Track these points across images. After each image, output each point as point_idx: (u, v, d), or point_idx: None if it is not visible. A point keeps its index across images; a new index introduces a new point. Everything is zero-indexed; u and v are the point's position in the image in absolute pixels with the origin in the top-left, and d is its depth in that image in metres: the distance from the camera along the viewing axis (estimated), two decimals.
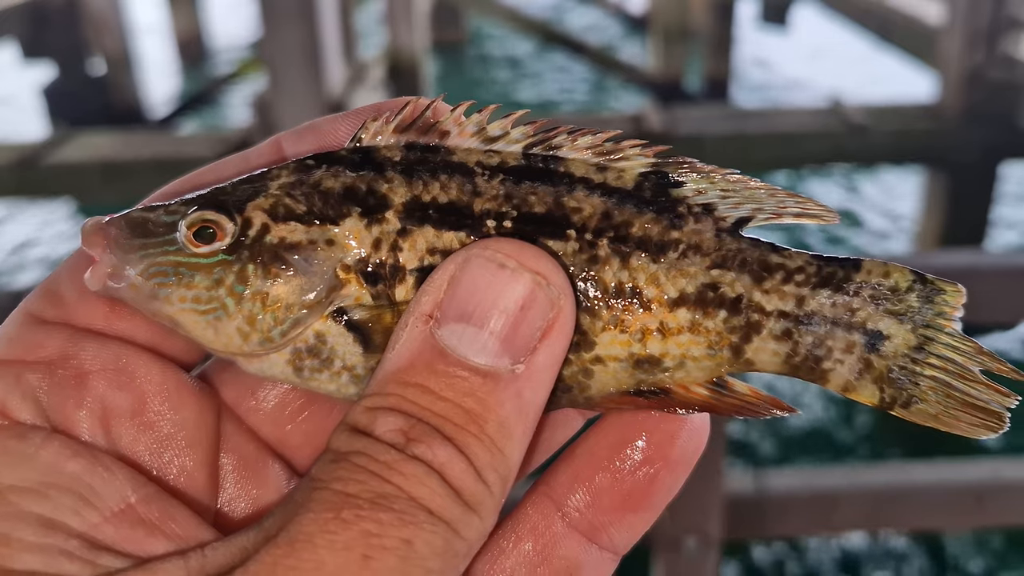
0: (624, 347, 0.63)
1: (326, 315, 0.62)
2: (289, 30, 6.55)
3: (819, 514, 3.37)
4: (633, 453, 0.64)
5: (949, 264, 3.15)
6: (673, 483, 0.65)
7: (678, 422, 0.65)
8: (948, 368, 0.64)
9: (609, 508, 0.64)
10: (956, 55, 7.60)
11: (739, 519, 3.26)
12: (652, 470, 0.64)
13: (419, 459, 0.53)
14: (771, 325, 0.64)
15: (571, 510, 0.65)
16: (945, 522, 3.65)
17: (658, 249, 0.63)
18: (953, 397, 0.64)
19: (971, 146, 7.52)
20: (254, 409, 0.68)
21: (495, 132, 0.64)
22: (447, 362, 0.56)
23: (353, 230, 0.61)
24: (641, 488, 0.64)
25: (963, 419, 0.64)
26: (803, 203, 0.66)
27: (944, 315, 0.65)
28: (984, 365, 0.64)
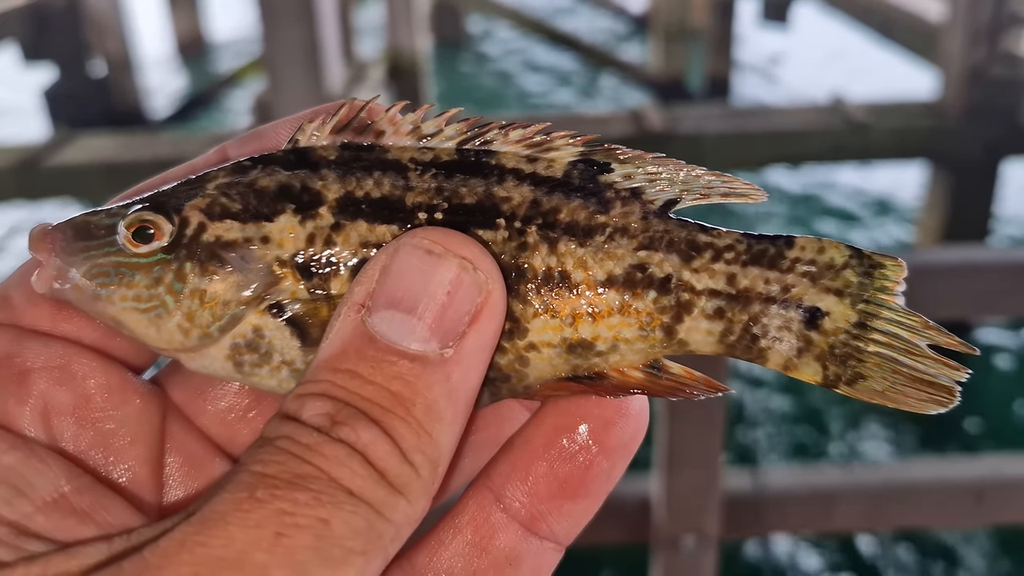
0: (556, 332, 0.63)
1: (262, 310, 0.63)
2: (289, 30, 6.56)
3: (818, 512, 3.37)
4: (569, 440, 0.65)
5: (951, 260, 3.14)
6: (611, 469, 0.65)
7: (614, 408, 0.65)
8: (893, 343, 0.64)
9: (546, 496, 0.65)
10: (957, 52, 7.59)
11: (737, 517, 3.26)
12: (588, 457, 0.64)
13: (342, 441, 0.54)
14: (702, 304, 0.64)
15: (509, 500, 0.65)
16: (944, 520, 3.64)
17: (585, 233, 0.64)
18: (900, 373, 0.64)
19: (973, 143, 7.51)
20: (203, 409, 0.69)
21: (429, 130, 0.65)
22: (376, 348, 0.57)
23: (287, 226, 0.62)
24: (577, 475, 0.64)
25: (911, 395, 0.64)
26: (729, 182, 0.66)
27: (885, 290, 0.65)
28: (932, 339, 0.64)
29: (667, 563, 3.20)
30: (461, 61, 15.15)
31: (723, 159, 7.62)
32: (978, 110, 7.51)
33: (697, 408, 3.00)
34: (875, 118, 7.47)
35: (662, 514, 3.14)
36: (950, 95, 7.63)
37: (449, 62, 14.75)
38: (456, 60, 15.04)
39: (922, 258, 3.69)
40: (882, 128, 7.44)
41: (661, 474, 3.09)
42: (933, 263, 3.12)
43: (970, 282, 3.00)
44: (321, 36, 6.59)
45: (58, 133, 8.26)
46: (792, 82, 13.15)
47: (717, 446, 3.06)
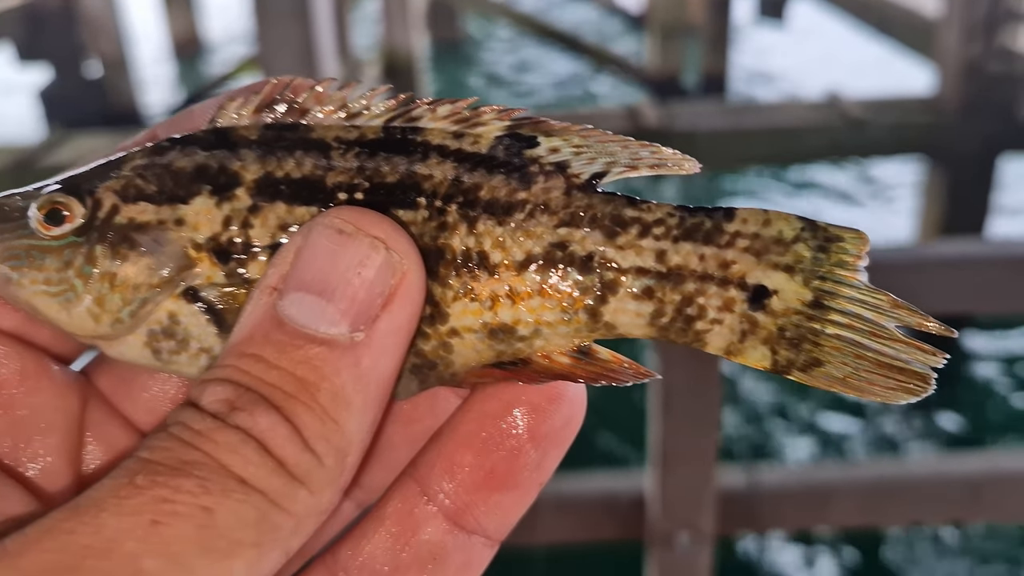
0: (476, 317, 0.61)
1: (177, 295, 0.61)
2: (284, 29, 6.54)
3: (813, 509, 3.36)
4: (495, 428, 0.62)
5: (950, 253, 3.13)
6: (541, 459, 0.62)
7: (543, 393, 0.62)
8: (855, 325, 0.59)
9: (472, 487, 0.62)
10: (954, 48, 7.56)
11: (732, 514, 3.25)
12: (516, 445, 0.62)
13: (238, 427, 0.52)
14: (628, 283, 0.60)
15: (434, 492, 0.62)
16: (941, 516, 3.63)
17: (504, 211, 0.61)
18: (864, 358, 0.59)
19: (970, 139, 7.48)
20: (128, 397, 0.67)
21: (356, 108, 0.63)
22: (284, 331, 0.55)
23: (203, 209, 0.61)
24: (505, 464, 0.62)
25: (878, 382, 0.59)
26: (658, 153, 0.62)
27: (845, 265, 0.60)
28: (901, 320, 0.59)
29: (662, 560, 3.20)
30: (457, 60, 15.13)
31: (719, 156, 7.62)
32: (975, 106, 7.48)
33: (691, 404, 2.99)
34: (872, 114, 7.44)
35: (656, 511, 3.14)
36: (947, 91, 7.61)
37: (445, 61, 14.73)
38: (452, 59, 15.02)
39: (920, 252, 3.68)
40: (879, 124, 7.41)
41: (655, 471, 3.09)
42: (931, 257, 3.11)
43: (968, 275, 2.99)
44: (316, 35, 6.58)
45: (53, 133, 8.24)
46: (788, 79, 13.13)
47: (712, 442, 3.05)
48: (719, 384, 3.03)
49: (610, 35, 15.67)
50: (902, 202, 9.29)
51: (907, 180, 9.07)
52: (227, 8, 15.30)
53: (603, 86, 13.40)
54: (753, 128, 7.51)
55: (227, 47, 14.66)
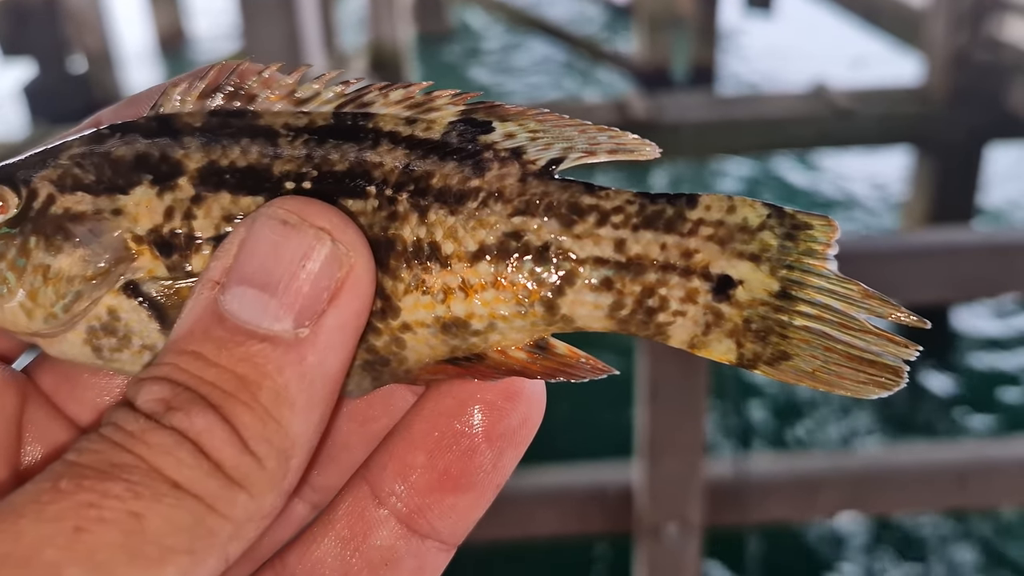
0: (428, 310, 0.59)
1: (117, 289, 0.58)
2: (269, 23, 6.50)
3: (801, 499, 3.36)
4: (449, 427, 0.60)
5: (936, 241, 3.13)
6: (497, 459, 0.60)
7: (499, 391, 0.60)
8: (824, 316, 0.57)
9: (425, 489, 0.59)
10: (941, 38, 7.58)
11: (720, 505, 3.25)
12: (470, 444, 0.59)
13: (173, 428, 0.49)
14: (586, 274, 0.58)
15: (386, 494, 0.60)
16: (928, 504, 3.63)
17: (457, 200, 0.58)
18: (834, 351, 0.56)
19: (958, 128, 7.50)
20: (72, 397, 0.64)
21: (306, 94, 0.60)
22: (225, 327, 0.52)
23: (143, 199, 0.58)
24: (459, 465, 0.59)
25: (848, 376, 0.56)
26: (617, 138, 0.60)
27: (813, 253, 0.57)
28: (873, 311, 0.56)
29: (650, 552, 3.19)
30: (445, 53, 15.08)
31: (708, 147, 7.62)
32: (962, 95, 7.49)
33: (679, 394, 2.98)
34: (859, 104, 7.45)
35: (644, 502, 3.13)
36: (935, 80, 7.63)
37: (433, 54, 14.68)
38: (440, 52, 14.97)
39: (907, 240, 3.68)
40: (866, 114, 7.42)
41: (643, 462, 3.08)
42: (918, 245, 3.11)
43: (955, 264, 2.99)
44: (302, 29, 6.54)
45: (38, 129, 8.18)
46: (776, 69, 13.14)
47: (700, 433, 3.05)
48: (706, 373, 3.03)
49: (598, 27, 15.65)
50: (890, 191, 9.30)
51: (895, 169, 9.09)
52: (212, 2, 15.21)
53: (591, 78, 13.37)
54: (741, 119, 7.52)
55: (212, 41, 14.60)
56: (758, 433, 5.93)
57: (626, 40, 13.64)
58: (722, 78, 12.57)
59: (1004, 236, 3.19)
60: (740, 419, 5.95)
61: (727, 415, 5.89)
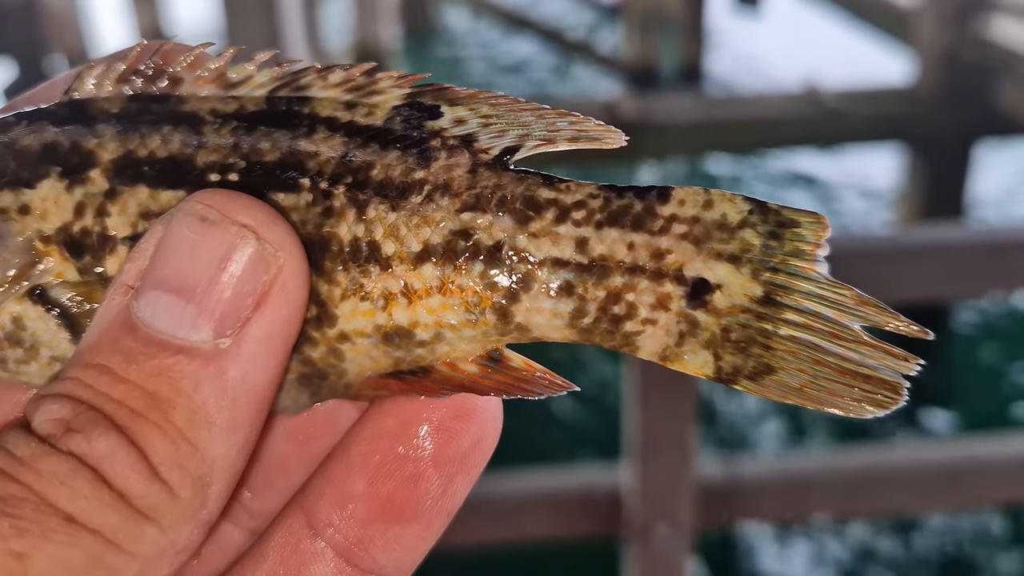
0: (368, 318, 0.52)
1: (22, 295, 0.52)
2: (252, 23, 6.45)
3: (792, 499, 3.33)
4: (391, 450, 0.53)
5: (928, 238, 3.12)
6: (446, 485, 0.54)
7: (448, 410, 0.54)
8: (813, 325, 0.50)
9: (366, 519, 0.53)
10: (929, 37, 7.60)
11: (711, 506, 3.21)
12: (415, 470, 0.53)
13: (70, 453, 0.43)
14: (544, 277, 0.52)
15: (323, 524, 0.54)
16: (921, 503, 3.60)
17: (399, 194, 0.52)
18: (824, 364, 0.50)
19: (947, 127, 7.52)
20: None
21: (236, 77, 0.54)
22: (136, 337, 0.46)
23: (51, 194, 0.52)
24: (403, 493, 0.53)
25: (841, 392, 0.50)
26: (578, 123, 0.54)
27: (800, 254, 0.51)
28: (868, 319, 0.50)
29: (640, 553, 3.16)
30: (431, 51, 15.03)
31: (698, 147, 7.60)
32: (952, 94, 7.52)
33: (669, 394, 2.93)
34: (849, 104, 7.45)
35: (634, 503, 3.10)
36: (925, 80, 7.65)
37: (419, 52, 14.63)
38: (426, 50, 14.92)
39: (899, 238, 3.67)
40: (856, 114, 7.42)
41: (633, 463, 3.05)
42: (909, 243, 3.10)
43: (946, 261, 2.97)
44: (285, 28, 6.48)
45: None
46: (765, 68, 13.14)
47: (689, 433, 3.01)
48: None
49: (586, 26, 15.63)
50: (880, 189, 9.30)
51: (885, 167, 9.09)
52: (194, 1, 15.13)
53: (579, 77, 13.35)
54: (731, 119, 7.50)
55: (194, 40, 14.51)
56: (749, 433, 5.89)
57: (614, 39, 13.62)
58: (710, 77, 12.57)
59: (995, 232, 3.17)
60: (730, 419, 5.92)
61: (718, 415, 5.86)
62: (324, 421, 0.58)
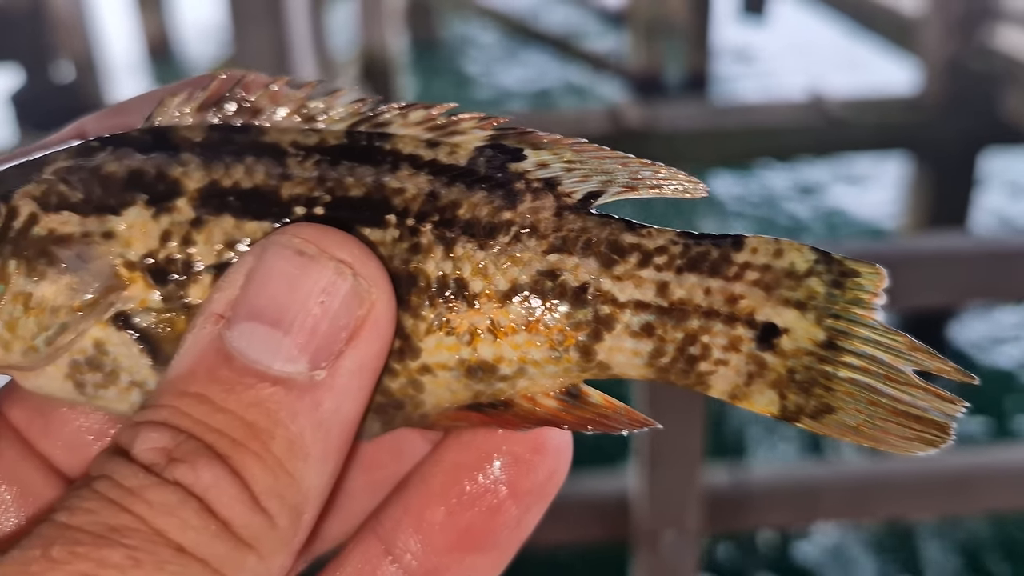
0: (453, 352, 0.53)
1: (106, 321, 0.52)
2: (259, 30, 6.47)
3: (799, 506, 3.33)
4: (472, 481, 0.55)
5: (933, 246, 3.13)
6: (522, 516, 0.55)
7: (527, 443, 0.55)
8: (870, 369, 0.53)
9: (444, 548, 0.54)
10: (934, 46, 7.61)
11: (718, 512, 3.22)
12: (494, 501, 0.55)
13: (177, 483, 0.43)
14: (626, 319, 0.54)
15: (400, 551, 0.55)
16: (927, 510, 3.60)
17: (487, 233, 0.54)
18: (879, 405, 0.53)
19: (952, 136, 7.52)
20: (46, 432, 0.58)
21: (316, 110, 0.55)
22: (232, 367, 0.47)
23: (137, 221, 0.52)
24: (481, 523, 0.55)
25: (894, 431, 0.53)
26: (661, 173, 0.56)
27: (860, 303, 0.54)
28: (919, 364, 0.53)
29: (647, 560, 3.16)
30: (437, 60, 15.08)
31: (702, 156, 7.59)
32: (957, 103, 7.52)
33: (677, 402, 2.94)
34: (855, 113, 7.45)
35: (642, 510, 3.10)
36: (930, 89, 7.66)
37: (425, 61, 14.68)
38: (432, 59, 14.97)
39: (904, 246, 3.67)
40: (861, 123, 7.43)
41: (641, 469, 3.05)
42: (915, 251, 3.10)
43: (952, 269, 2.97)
44: (292, 36, 6.51)
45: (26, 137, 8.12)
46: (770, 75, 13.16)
47: (697, 441, 3.01)
48: None
49: (591, 34, 15.67)
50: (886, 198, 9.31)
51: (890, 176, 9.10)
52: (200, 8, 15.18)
53: (584, 86, 13.38)
54: (736, 128, 7.51)
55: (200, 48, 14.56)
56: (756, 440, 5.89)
57: (619, 47, 13.65)
58: (715, 85, 12.59)
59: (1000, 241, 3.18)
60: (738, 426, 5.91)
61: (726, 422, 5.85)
62: (389, 449, 0.59)
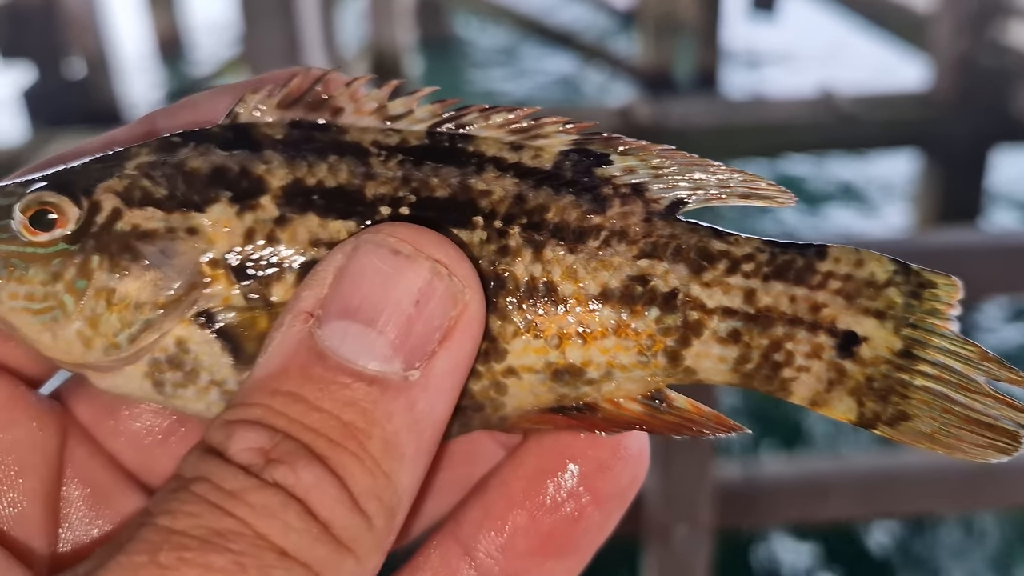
0: (540, 355, 0.54)
1: (188, 318, 0.52)
2: (269, 27, 6.49)
3: (811, 501, 3.33)
4: (555, 485, 0.55)
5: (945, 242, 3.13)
6: (604, 522, 0.56)
7: (609, 447, 0.55)
8: (944, 377, 0.54)
9: (525, 552, 0.55)
10: (946, 42, 7.58)
11: (731, 507, 3.22)
12: (577, 506, 0.55)
13: (277, 485, 0.43)
14: (714, 325, 0.55)
15: (481, 555, 0.55)
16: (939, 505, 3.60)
17: (576, 237, 0.54)
18: (952, 413, 0.54)
19: (963, 132, 7.50)
20: (114, 430, 0.58)
21: (397, 110, 0.55)
22: (326, 366, 0.47)
23: (221, 218, 0.53)
24: (564, 528, 0.55)
25: (966, 439, 0.54)
26: (751, 182, 0.57)
27: (936, 313, 0.55)
28: (991, 374, 0.54)
29: (660, 554, 3.15)
30: (447, 57, 15.08)
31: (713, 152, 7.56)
32: (968, 100, 7.49)
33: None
34: (865, 109, 7.43)
35: (654, 504, 3.10)
36: (941, 85, 7.63)
37: (435, 58, 14.67)
38: (442, 56, 14.97)
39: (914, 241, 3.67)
40: (872, 120, 7.41)
41: (653, 464, 3.04)
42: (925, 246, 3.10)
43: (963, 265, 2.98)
44: (302, 33, 6.52)
45: (39, 133, 8.16)
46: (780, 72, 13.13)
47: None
48: None
49: (601, 31, 15.65)
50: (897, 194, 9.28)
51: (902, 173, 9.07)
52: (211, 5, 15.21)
53: (594, 83, 13.36)
54: (746, 124, 7.50)
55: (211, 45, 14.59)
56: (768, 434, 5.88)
57: (629, 44, 13.63)
58: (725, 82, 12.56)
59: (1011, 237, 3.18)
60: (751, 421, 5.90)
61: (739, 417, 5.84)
62: (461, 450, 0.59)
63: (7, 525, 0.51)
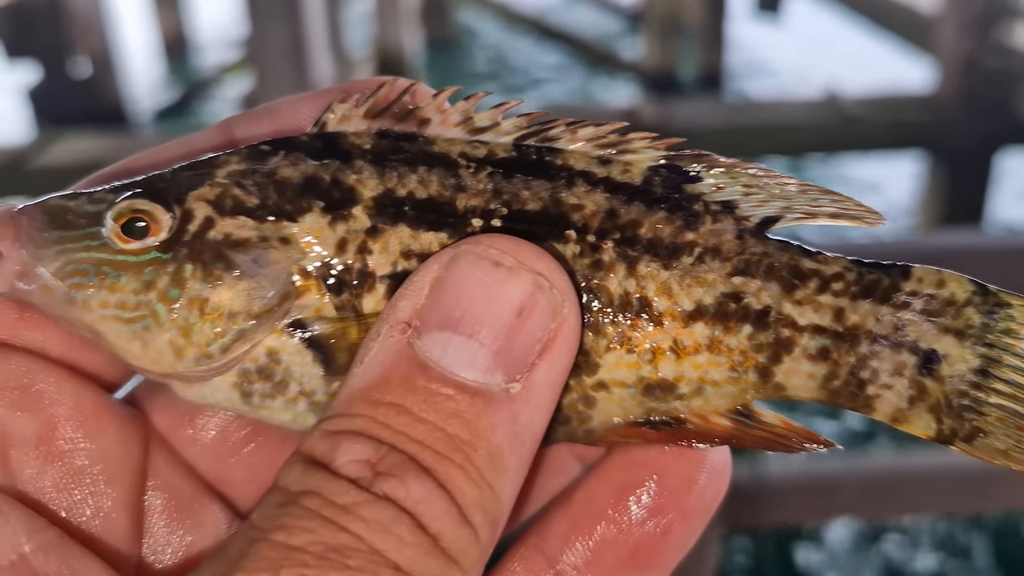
0: (632, 370, 0.54)
1: (280, 329, 0.52)
2: (275, 27, 6.50)
3: (818, 501, 3.32)
4: (641, 500, 0.55)
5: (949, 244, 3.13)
6: (688, 536, 0.56)
7: (696, 462, 0.55)
8: (1019, 395, 0.55)
9: (612, 566, 0.55)
10: (951, 44, 7.58)
11: (737, 507, 3.21)
12: (664, 521, 0.55)
13: (388, 499, 0.43)
14: (805, 342, 0.55)
15: (567, 567, 0.55)
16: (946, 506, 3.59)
17: (670, 253, 0.54)
18: None
19: (968, 134, 7.49)
20: (191, 439, 0.58)
21: (483, 122, 0.55)
22: (428, 377, 0.46)
23: (314, 228, 0.53)
24: (651, 543, 0.55)
25: None
26: (841, 202, 0.57)
27: (1011, 333, 0.56)
28: None
29: None
30: (452, 57, 15.08)
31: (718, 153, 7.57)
32: (972, 101, 7.49)
33: None
34: (870, 111, 7.43)
35: None
36: (946, 87, 7.63)
37: (440, 58, 14.68)
38: (447, 56, 14.97)
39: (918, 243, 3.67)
40: (877, 121, 7.41)
41: None
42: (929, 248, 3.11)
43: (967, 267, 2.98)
44: (308, 32, 6.53)
45: (44, 133, 8.17)
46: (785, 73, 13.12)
47: None
48: None
49: (606, 32, 15.66)
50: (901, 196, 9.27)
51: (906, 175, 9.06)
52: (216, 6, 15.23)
53: (599, 84, 13.37)
54: (751, 125, 7.50)
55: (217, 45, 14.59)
56: None
57: (634, 45, 13.64)
58: (730, 83, 12.55)
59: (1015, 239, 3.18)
60: None
61: None
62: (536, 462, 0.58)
63: (98, 534, 0.51)
